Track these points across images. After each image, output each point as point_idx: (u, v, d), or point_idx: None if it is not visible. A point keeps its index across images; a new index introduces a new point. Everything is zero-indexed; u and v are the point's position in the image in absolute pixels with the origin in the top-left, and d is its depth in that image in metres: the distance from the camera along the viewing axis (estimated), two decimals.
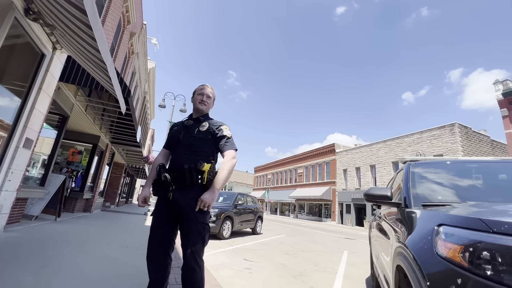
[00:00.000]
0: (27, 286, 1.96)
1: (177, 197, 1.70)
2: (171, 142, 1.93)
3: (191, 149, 1.80)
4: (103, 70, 3.26)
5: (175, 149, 1.88)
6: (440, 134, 19.70)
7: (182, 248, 1.72)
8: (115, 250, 3.62)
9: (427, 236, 1.11)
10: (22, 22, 3.31)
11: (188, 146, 1.81)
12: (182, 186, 1.72)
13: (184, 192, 1.71)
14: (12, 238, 3.53)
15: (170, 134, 1.97)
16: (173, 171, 1.75)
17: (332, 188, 29.52)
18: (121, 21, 8.47)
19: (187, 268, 1.67)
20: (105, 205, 13.05)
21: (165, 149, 2.00)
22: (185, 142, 1.82)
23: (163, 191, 1.75)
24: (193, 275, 1.67)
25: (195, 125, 1.89)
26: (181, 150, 1.82)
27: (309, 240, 9.20)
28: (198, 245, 1.68)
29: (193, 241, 1.67)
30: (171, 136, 1.94)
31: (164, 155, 1.98)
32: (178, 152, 1.83)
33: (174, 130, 1.96)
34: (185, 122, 1.93)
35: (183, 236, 1.71)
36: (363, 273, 4.42)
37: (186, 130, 1.87)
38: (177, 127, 1.97)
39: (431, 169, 2.48)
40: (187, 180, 1.70)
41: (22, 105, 3.79)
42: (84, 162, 8.98)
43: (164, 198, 1.74)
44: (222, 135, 1.85)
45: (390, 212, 2.34)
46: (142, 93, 15.52)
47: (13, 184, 3.82)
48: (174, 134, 1.92)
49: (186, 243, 1.69)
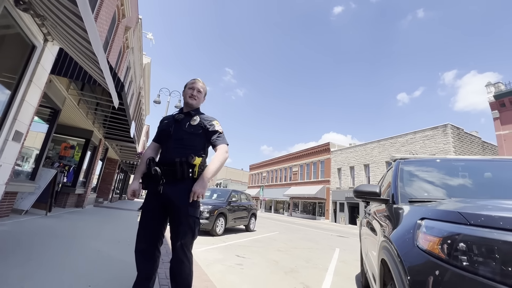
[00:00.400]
0: (14, 278, 1.94)
1: (168, 191, 1.70)
2: (162, 135, 1.92)
3: (182, 143, 1.79)
4: (95, 63, 3.22)
5: (165, 143, 1.87)
6: (433, 135, 19.98)
7: (172, 241, 1.72)
8: (107, 245, 3.60)
9: (409, 230, 1.14)
10: (12, 12, 3.25)
11: (179, 139, 1.80)
12: (173, 179, 1.71)
13: (175, 185, 1.71)
14: (1, 232, 3.48)
15: (160, 127, 1.96)
16: (164, 164, 1.74)
17: (326, 187, 29.73)
18: (116, 15, 8.35)
19: (176, 260, 1.69)
20: (98, 201, 12.93)
21: (154, 143, 1.98)
22: (176, 135, 1.82)
23: (153, 185, 1.74)
24: (182, 267, 1.68)
25: (186, 119, 1.88)
26: (172, 143, 1.81)
27: (302, 237, 9.27)
28: (187, 238, 1.70)
29: (183, 233, 1.68)
30: (162, 130, 1.93)
31: (153, 148, 1.97)
32: (168, 146, 1.82)
33: (164, 124, 1.94)
34: (176, 116, 1.91)
35: (173, 228, 1.72)
36: (353, 269, 4.48)
37: (177, 124, 1.86)
38: (167, 121, 1.95)
39: (420, 167, 2.52)
40: (178, 173, 1.70)
41: (12, 97, 3.73)
42: (76, 157, 8.87)
43: (154, 191, 1.74)
44: (214, 130, 1.86)
45: (379, 209, 2.38)
46: (137, 88, 15.36)
47: (2, 178, 3.76)
48: (164, 127, 1.91)
49: (176, 235, 1.70)
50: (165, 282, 2.39)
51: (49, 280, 2.02)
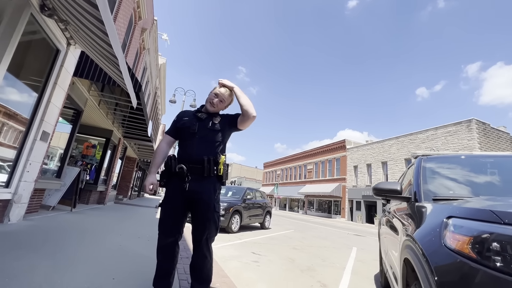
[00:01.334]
0: (42, 270, 2.06)
1: (194, 188, 1.72)
2: (183, 132, 1.89)
3: (207, 141, 1.82)
4: (115, 65, 3.33)
5: (187, 140, 1.85)
6: (456, 131, 19.07)
7: (196, 236, 1.75)
8: (127, 240, 3.74)
9: (435, 229, 1.09)
10: (38, 18, 3.42)
11: (204, 138, 1.82)
12: (199, 177, 1.74)
13: (201, 182, 1.74)
14: (31, 226, 3.70)
15: (181, 123, 1.92)
16: (189, 162, 1.74)
17: (342, 185, 29.21)
18: (133, 17, 8.58)
19: (200, 255, 1.73)
20: (118, 198, 13.44)
21: (170, 137, 1.96)
22: (201, 134, 1.83)
23: (176, 182, 1.75)
24: (204, 262, 1.73)
25: (209, 118, 1.91)
26: (197, 141, 1.81)
27: (318, 235, 9.18)
28: (212, 233, 1.76)
29: (209, 229, 1.73)
30: (183, 127, 1.89)
31: (169, 142, 1.96)
32: (193, 143, 1.81)
33: (186, 121, 1.90)
34: (198, 115, 1.91)
35: (199, 224, 1.75)
36: (371, 269, 4.38)
37: (201, 123, 1.87)
38: (188, 118, 1.93)
39: (444, 164, 2.41)
40: (205, 171, 1.73)
41: (39, 99, 3.93)
42: (98, 155, 9.25)
43: (177, 188, 1.75)
44: (237, 113, 1.94)
45: (400, 208, 2.30)
46: (153, 88, 15.75)
47: (31, 175, 3.99)
48: (187, 124, 1.88)
49: (201, 231, 1.73)
50: (183, 277, 2.44)
51: (75, 272, 2.13)
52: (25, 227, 3.57)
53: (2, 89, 3.13)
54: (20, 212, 3.90)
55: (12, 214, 3.67)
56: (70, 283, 1.89)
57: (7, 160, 3.66)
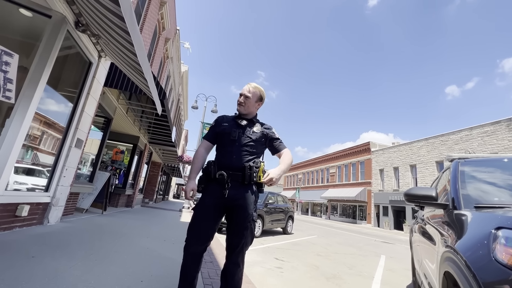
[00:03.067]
0: (78, 270, 2.17)
1: (234, 195, 1.72)
2: (223, 138, 1.88)
3: (247, 149, 1.82)
4: (141, 74, 3.48)
5: (227, 146, 1.85)
6: (494, 130, 17.59)
7: (231, 244, 1.74)
8: (154, 243, 3.85)
9: (482, 241, 0.99)
10: (73, 34, 3.68)
11: (244, 145, 1.82)
12: (238, 184, 1.74)
13: (240, 190, 1.74)
14: (67, 228, 3.95)
15: (221, 129, 1.91)
16: (230, 169, 1.75)
17: (368, 189, 28.07)
18: (157, 28, 8.99)
19: (233, 263, 1.72)
20: (144, 201, 13.99)
21: (208, 142, 1.96)
22: (242, 141, 1.83)
23: (215, 188, 1.75)
24: (237, 270, 1.73)
25: (249, 125, 1.92)
26: (237, 148, 1.81)
27: (343, 242, 8.85)
28: (249, 242, 1.76)
29: (246, 238, 1.72)
30: (223, 133, 1.89)
31: (207, 147, 1.96)
32: (233, 150, 1.81)
33: (226, 127, 1.90)
34: (238, 121, 1.92)
35: (236, 233, 1.73)
36: (403, 280, 4.12)
37: (242, 130, 1.88)
38: (227, 124, 1.92)
39: (484, 168, 2.22)
40: (246, 179, 1.74)
41: (74, 109, 4.22)
42: (126, 161, 9.72)
43: (215, 194, 1.74)
44: (275, 137, 1.98)
45: (435, 215, 2.15)
46: (176, 95, 16.32)
47: (67, 180, 4.27)
48: (227, 130, 1.87)
49: (238, 239, 1.71)
50: (208, 281, 2.45)
51: (107, 273, 2.22)
52: (62, 229, 3.81)
53: (42, 101, 3.39)
54: (58, 214, 4.18)
55: (51, 216, 3.95)
56: (103, 284, 1.97)
57: (46, 166, 3.95)
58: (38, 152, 3.83)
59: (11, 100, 1.40)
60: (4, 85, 1.33)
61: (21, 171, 3.59)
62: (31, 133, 3.42)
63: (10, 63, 1.36)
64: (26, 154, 3.55)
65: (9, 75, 1.36)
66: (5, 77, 1.34)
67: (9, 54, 1.37)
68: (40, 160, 3.91)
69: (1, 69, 1.31)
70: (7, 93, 1.36)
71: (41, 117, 3.59)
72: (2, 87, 1.32)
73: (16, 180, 3.41)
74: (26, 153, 3.56)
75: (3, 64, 1.32)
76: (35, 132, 3.61)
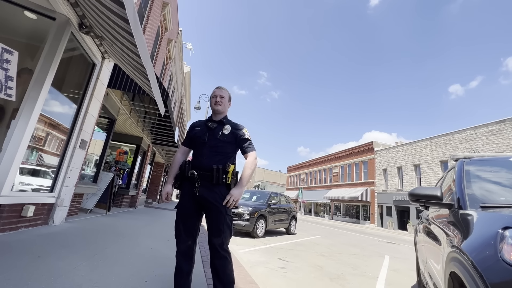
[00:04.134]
0: (83, 270, 2.19)
1: (204, 193, 1.83)
2: (195, 141, 2.02)
3: (217, 150, 1.92)
4: (144, 75, 3.50)
5: (198, 149, 1.98)
6: (500, 129, 17.41)
7: (211, 240, 1.84)
8: (157, 242, 3.87)
9: (489, 241, 0.98)
10: (77, 36, 3.71)
11: (213, 147, 1.92)
12: (208, 184, 1.84)
13: (210, 189, 1.84)
14: (72, 228, 3.98)
15: (193, 133, 2.05)
16: (200, 169, 1.86)
17: (371, 189, 27.93)
18: (159, 29, 9.03)
19: (218, 258, 1.81)
20: (148, 202, 14.05)
21: (185, 147, 2.11)
22: (211, 143, 1.93)
23: (188, 186, 1.88)
24: (225, 263, 1.80)
25: (219, 127, 1.99)
26: (207, 150, 1.92)
27: (346, 242, 8.82)
28: (227, 237, 1.85)
29: (223, 232, 1.82)
30: (195, 136, 2.03)
31: (184, 152, 2.11)
32: (203, 152, 1.93)
33: (197, 131, 2.04)
34: (209, 124, 2.02)
35: (213, 228, 1.83)
36: (407, 280, 4.09)
37: (211, 132, 1.97)
38: (199, 128, 2.05)
39: (489, 167, 2.20)
40: (214, 179, 1.83)
41: (78, 110, 4.25)
42: (129, 161, 9.77)
43: (189, 192, 1.87)
44: (245, 138, 2.01)
45: (440, 215, 2.13)
46: (179, 96, 16.38)
47: (72, 181, 4.30)
48: (198, 134, 2.01)
49: (216, 234, 1.82)
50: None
51: (111, 273, 2.23)
52: (67, 229, 3.84)
53: (47, 102, 3.42)
54: (63, 214, 4.21)
55: (56, 216, 3.98)
56: (107, 284, 1.98)
57: (51, 167, 3.98)
58: (43, 153, 3.86)
59: (12, 98, 1.41)
60: (6, 83, 1.34)
61: (27, 172, 3.62)
62: (36, 134, 3.45)
63: (10, 60, 1.37)
64: (31, 155, 3.59)
65: (10, 72, 1.37)
66: (6, 75, 1.35)
67: (9, 52, 1.38)
68: (45, 161, 3.94)
69: (2, 67, 1.32)
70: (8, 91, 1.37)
71: (45, 118, 3.63)
72: (3, 85, 1.33)
73: (21, 181, 3.44)
74: (31, 154, 3.59)
75: (4, 62, 1.34)
76: (40, 133, 3.64)
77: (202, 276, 2.56)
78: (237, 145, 2.01)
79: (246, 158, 1.99)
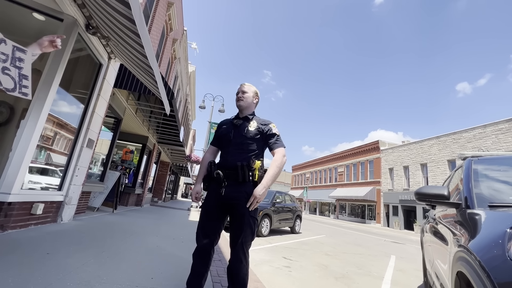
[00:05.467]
0: (90, 267, 2.23)
1: (229, 193, 1.77)
2: (222, 140, 1.98)
3: (242, 147, 1.86)
4: (150, 75, 3.54)
5: (225, 147, 1.94)
6: (510, 128, 17.05)
7: (232, 241, 1.78)
8: (164, 241, 3.91)
9: (496, 240, 0.96)
10: (84, 36, 3.77)
11: (239, 144, 1.87)
12: (234, 182, 1.79)
13: (236, 188, 1.78)
14: (79, 226, 4.05)
15: (220, 132, 2.03)
16: (225, 168, 1.81)
17: (377, 188, 27.68)
18: (165, 29, 9.09)
19: (235, 260, 1.75)
20: (153, 200, 14.19)
21: (213, 146, 2.08)
22: (236, 140, 1.88)
23: (215, 186, 1.83)
24: (240, 267, 1.74)
25: (245, 124, 1.94)
26: (232, 148, 1.87)
27: (351, 242, 8.77)
28: (248, 238, 1.77)
29: (245, 233, 1.75)
30: (221, 135, 1.99)
31: (212, 152, 2.07)
32: (229, 150, 1.89)
33: (223, 129, 2.01)
34: (234, 121, 1.98)
35: (235, 229, 1.78)
36: (413, 280, 4.05)
37: (236, 129, 1.93)
38: (226, 126, 2.02)
39: (498, 166, 2.16)
40: (239, 177, 1.77)
41: (85, 110, 4.31)
42: (135, 160, 9.88)
43: (215, 193, 1.82)
44: (272, 133, 1.92)
45: (447, 214, 2.10)
46: (184, 95, 16.47)
47: (79, 179, 4.37)
48: (224, 132, 1.97)
49: (237, 235, 1.75)
50: (217, 279, 2.48)
51: (118, 270, 2.27)
52: (75, 226, 3.91)
53: (55, 103, 3.48)
54: (71, 212, 4.29)
55: (64, 214, 4.05)
56: (114, 281, 2.02)
57: (59, 166, 4.06)
58: (51, 152, 3.94)
59: (28, 97, 1.43)
60: (20, 81, 1.36)
61: (36, 171, 3.70)
62: (44, 134, 3.52)
63: (23, 59, 1.39)
64: (40, 154, 3.66)
65: (24, 71, 1.39)
66: (20, 73, 1.37)
67: (22, 50, 1.40)
68: (53, 160, 4.02)
69: (15, 65, 1.34)
70: (23, 89, 1.39)
71: (54, 118, 3.69)
72: (18, 83, 1.35)
73: (31, 180, 3.51)
74: (40, 153, 3.66)
75: (17, 60, 1.36)
76: (48, 133, 3.71)
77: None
78: (264, 142, 1.93)
79: (273, 155, 1.89)
